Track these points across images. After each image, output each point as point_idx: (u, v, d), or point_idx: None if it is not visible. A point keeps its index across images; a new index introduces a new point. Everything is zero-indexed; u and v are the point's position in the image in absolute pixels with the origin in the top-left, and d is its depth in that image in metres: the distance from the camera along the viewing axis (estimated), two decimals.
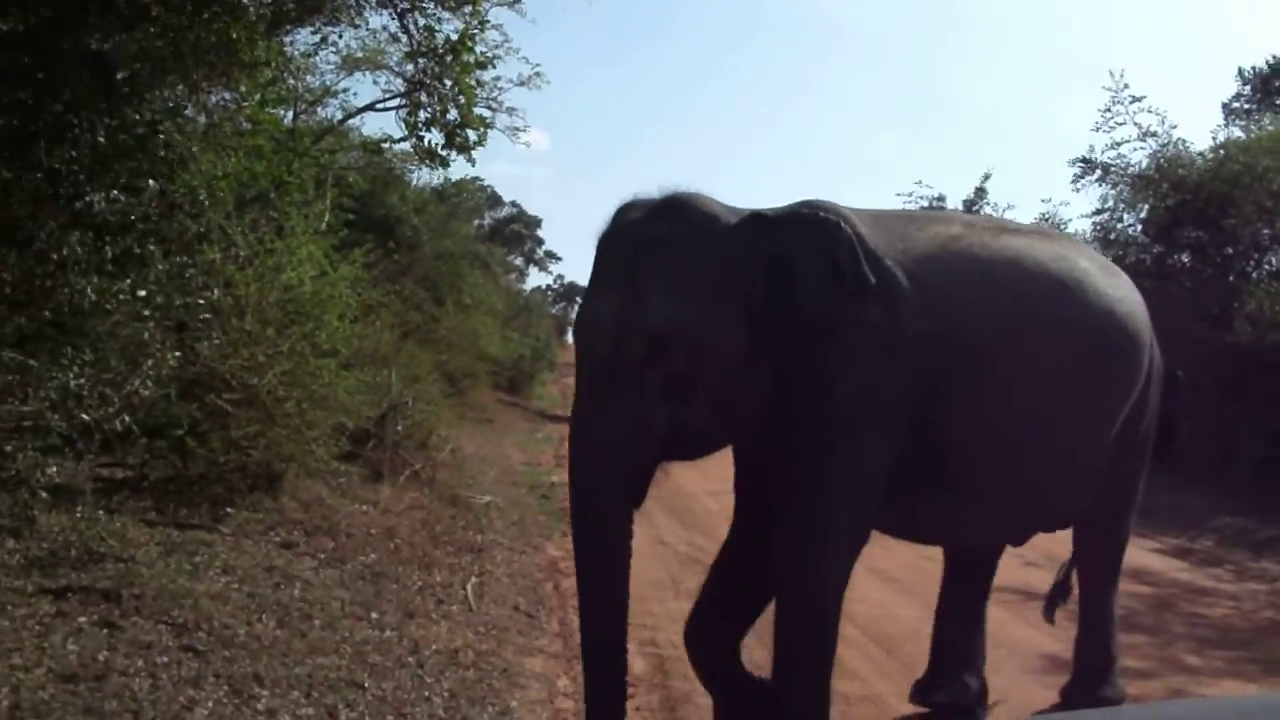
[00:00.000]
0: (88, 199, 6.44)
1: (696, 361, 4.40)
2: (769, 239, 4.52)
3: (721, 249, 4.50)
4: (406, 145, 14.06)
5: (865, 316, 4.56)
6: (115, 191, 6.55)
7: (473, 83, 11.87)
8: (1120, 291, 5.34)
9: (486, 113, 13.73)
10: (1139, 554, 10.94)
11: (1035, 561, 7.21)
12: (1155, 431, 5.85)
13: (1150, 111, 19.41)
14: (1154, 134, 18.53)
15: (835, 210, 4.72)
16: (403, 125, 13.02)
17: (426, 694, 5.42)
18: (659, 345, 4.35)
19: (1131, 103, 18.46)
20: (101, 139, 6.30)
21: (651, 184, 4.66)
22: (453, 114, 11.93)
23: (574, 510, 4.61)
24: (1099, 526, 5.73)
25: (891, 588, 7.87)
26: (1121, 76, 18.51)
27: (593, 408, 4.51)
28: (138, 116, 6.31)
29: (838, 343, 4.57)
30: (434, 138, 12.26)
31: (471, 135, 12.05)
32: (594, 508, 4.49)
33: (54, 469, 6.96)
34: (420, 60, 12.10)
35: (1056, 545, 5.97)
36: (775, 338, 4.49)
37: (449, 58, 11.60)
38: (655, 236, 4.52)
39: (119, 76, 6.12)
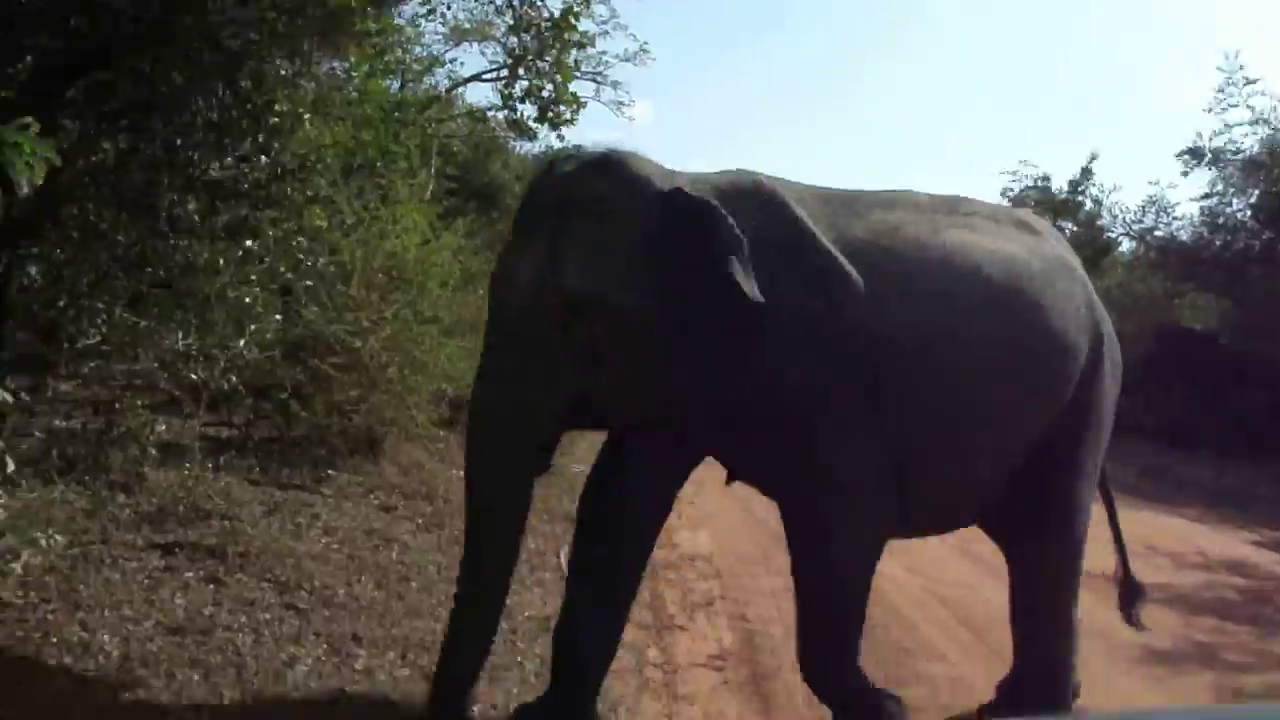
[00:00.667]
0: (202, 167, 6.61)
1: (611, 330, 4.25)
2: (665, 220, 4.33)
3: (645, 217, 4.33)
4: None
5: (807, 308, 4.40)
6: (229, 159, 6.71)
7: (571, 61, 11.92)
8: (1053, 297, 5.02)
9: (590, 85, 13.80)
10: (1237, 546, 10.76)
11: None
12: (1105, 432, 5.43)
13: (1264, 94, 18.87)
14: (1266, 120, 18.00)
15: (760, 188, 4.57)
16: (499, 96, 13.16)
17: (519, 659, 5.52)
18: (573, 310, 4.21)
19: (1245, 85, 17.90)
20: (216, 110, 6.46)
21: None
22: (548, 90, 12.01)
23: (468, 470, 4.50)
24: (1041, 526, 5.26)
25: (982, 569, 7.82)
26: (1236, 57, 17.89)
27: (501, 367, 4.41)
28: (251, 87, 6.44)
29: (782, 336, 4.39)
30: (527, 110, 12.38)
31: (565, 111, 12.12)
32: (491, 469, 4.37)
33: (163, 427, 7.22)
34: (523, 35, 12.18)
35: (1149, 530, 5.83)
36: (696, 316, 4.29)
37: (550, 34, 11.67)
38: (581, 197, 4.35)
39: (234, 49, 6.25)
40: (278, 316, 7.89)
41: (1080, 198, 24.37)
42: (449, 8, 14.40)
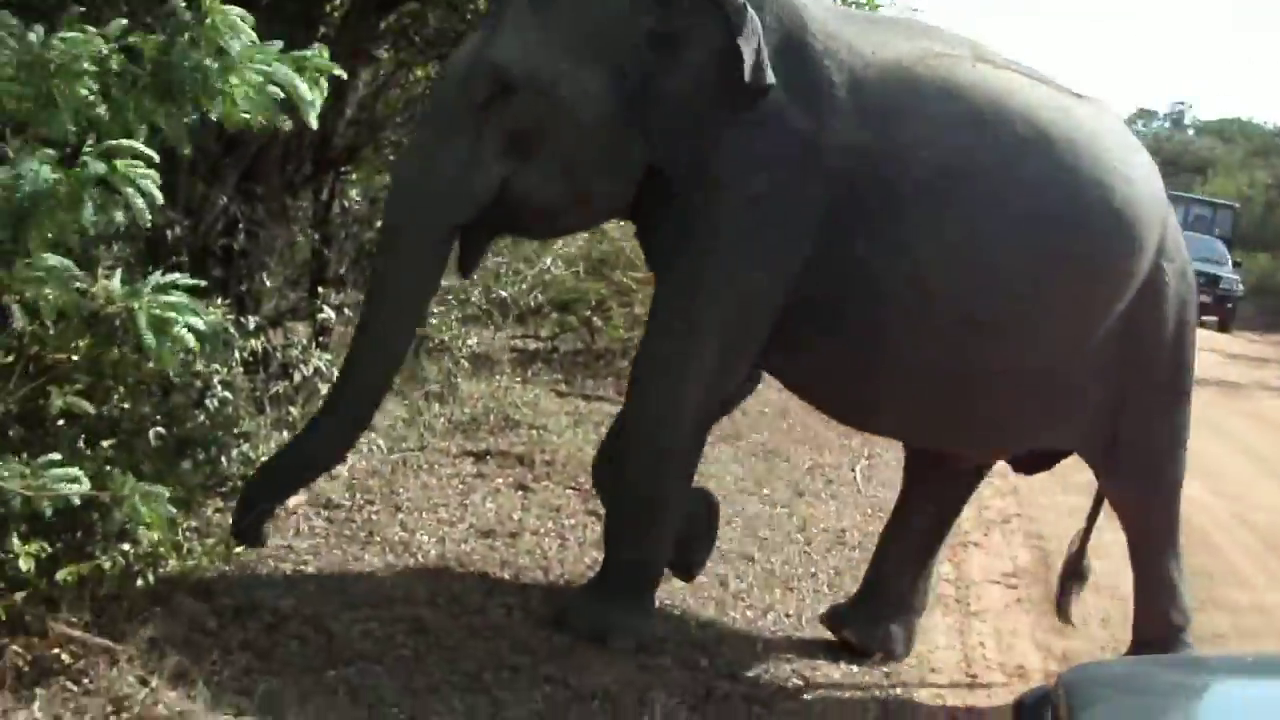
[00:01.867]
0: None
1: (544, 117, 3.99)
2: (657, 11, 4.00)
3: (604, 6, 4.06)
4: None
5: (779, 120, 4.02)
6: None
7: None
8: (1130, 170, 4.34)
9: None
10: None
11: None
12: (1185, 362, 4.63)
13: None
14: None
15: None
16: None
17: (813, 570, 5.56)
18: (505, 90, 3.94)
19: None
20: None
21: None
22: None
23: (379, 244, 4.36)
24: (1128, 474, 4.59)
25: None
26: None
27: (423, 143, 4.23)
28: None
29: (731, 145, 4.05)
30: None
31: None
32: (399, 247, 4.19)
33: (474, 339, 7.54)
34: None
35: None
36: (647, 120, 4.03)
37: None
38: None
39: None
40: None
41: None
42: None
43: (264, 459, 4.52)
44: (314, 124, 2.50)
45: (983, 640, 5.25)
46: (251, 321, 4.78)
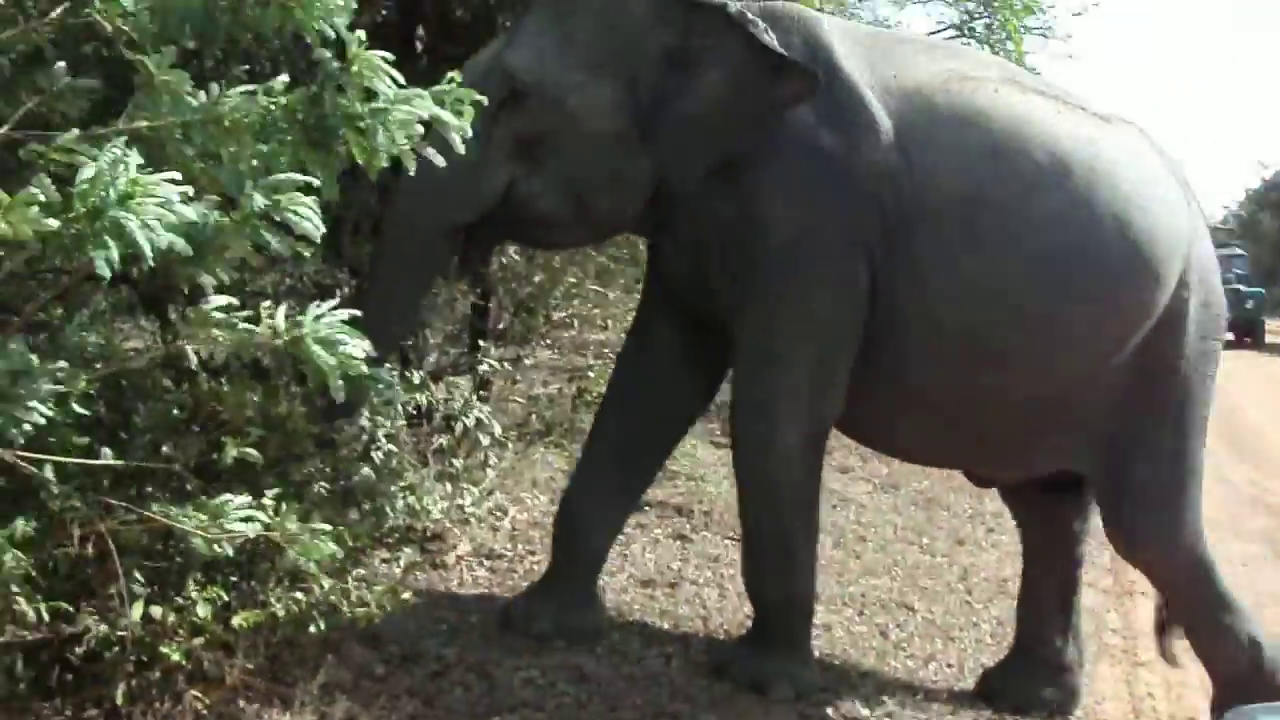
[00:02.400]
0: None
1: (553, 126, 3.98)
2: (675, 28, 4.00)
3: (623, 17, 4.04)
4: None
5: (812, 143, 4.02)
6: None
7: (1021, 27, 11.40)
8: (1149, 202, 4.23)
9: (1040, 41, 13.18)
10: None
11: None
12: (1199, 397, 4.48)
13: None
14: None
15: (793, 12, 4.16)
16: None
17: (974, 620, 5.46)
18: (516, 95, 3.89)
19: None
20: None
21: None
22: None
23: (381, 237, 4.33)
24: (1131, 511, 4.43)
25: None
26: None
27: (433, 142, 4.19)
28: None
29: (767, 174, 4.04)
30: None
31: None
32: (400, 242, 4.14)
33: None
34: (969, 2, 11.85)
35: None
36: (660, 138, 4.01)
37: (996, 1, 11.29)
38: None
39: None
40: None
41: None
42: None
43: (428, 509, 4.64)
44: (461, 148, 2.56)
45: (1151, 691, 5.10)
46: (416, 376, 4.89)
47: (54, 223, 2.07)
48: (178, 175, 2.20)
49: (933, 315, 4.12)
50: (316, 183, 2.47)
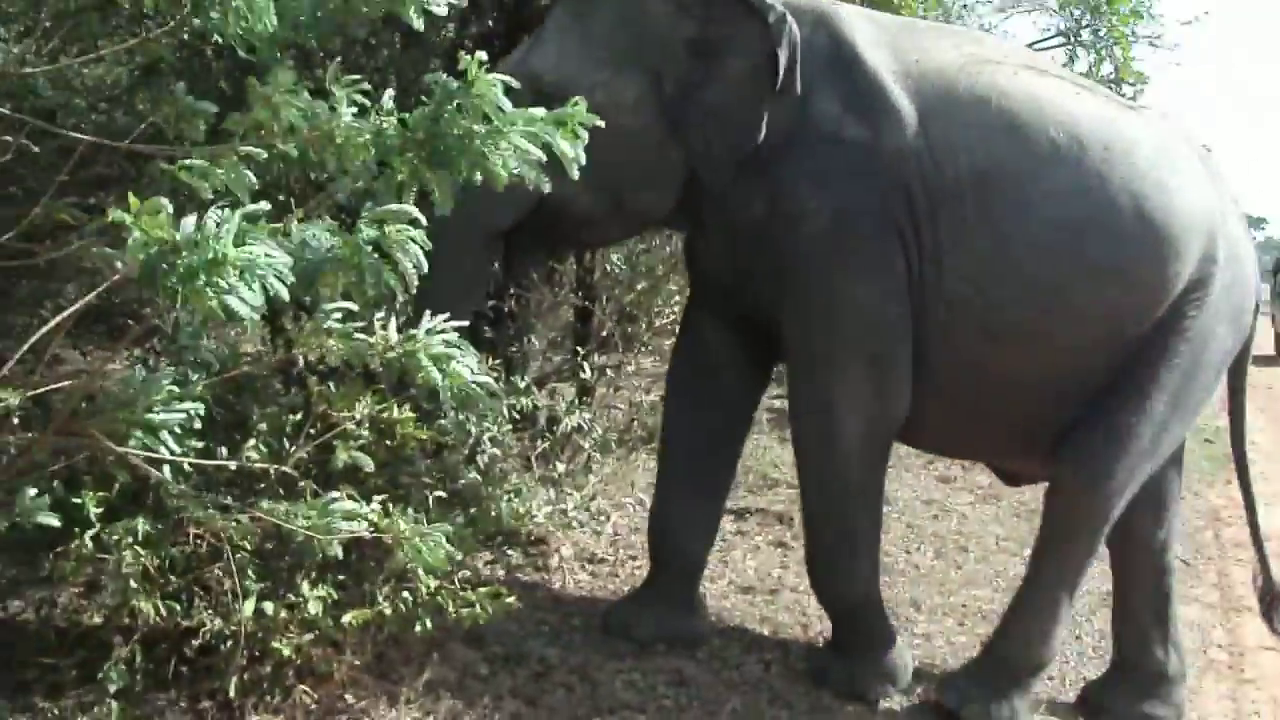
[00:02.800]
0: None
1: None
2: (697, 19, 3.99)
3: (642, 11, 4.04)
4: None
5: (837, 132, 4.00)
6: None
7: (1130, 34, 11.17)
8: (1169, 179, 4.10)
9: (1148, 50, 12.89)
10: None
11: None
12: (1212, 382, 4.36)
13: None
14: None
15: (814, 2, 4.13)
16: None
17: (1077, 633, 5.37)
18: (542, 97, 3.78)
19: None
20: None
21: None
22: (1107, 67, 11.36)
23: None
24: (1071, 454, 4.22)
25: None
26: None
27: None
28: None
29: (794, 166, 4.01)
30: None
31: (1127, 90, 11.39)
32: (440, 251, 4.01)
33: None
34: (1075, 9, 11.65)
35: None
36: (687, 129, 4.02)
37: (1103, 6, 11.09)
38: None
39: None
40: None
41: None
42: None
43: (531, 513, 4.73)
44: (575, 176, 2.58)
45: (1258, 709, 4.96)
46: (520, 381, 4.97)
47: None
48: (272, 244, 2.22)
49: (949, 295, 4.08)
50: (423, 219, 2.51)
